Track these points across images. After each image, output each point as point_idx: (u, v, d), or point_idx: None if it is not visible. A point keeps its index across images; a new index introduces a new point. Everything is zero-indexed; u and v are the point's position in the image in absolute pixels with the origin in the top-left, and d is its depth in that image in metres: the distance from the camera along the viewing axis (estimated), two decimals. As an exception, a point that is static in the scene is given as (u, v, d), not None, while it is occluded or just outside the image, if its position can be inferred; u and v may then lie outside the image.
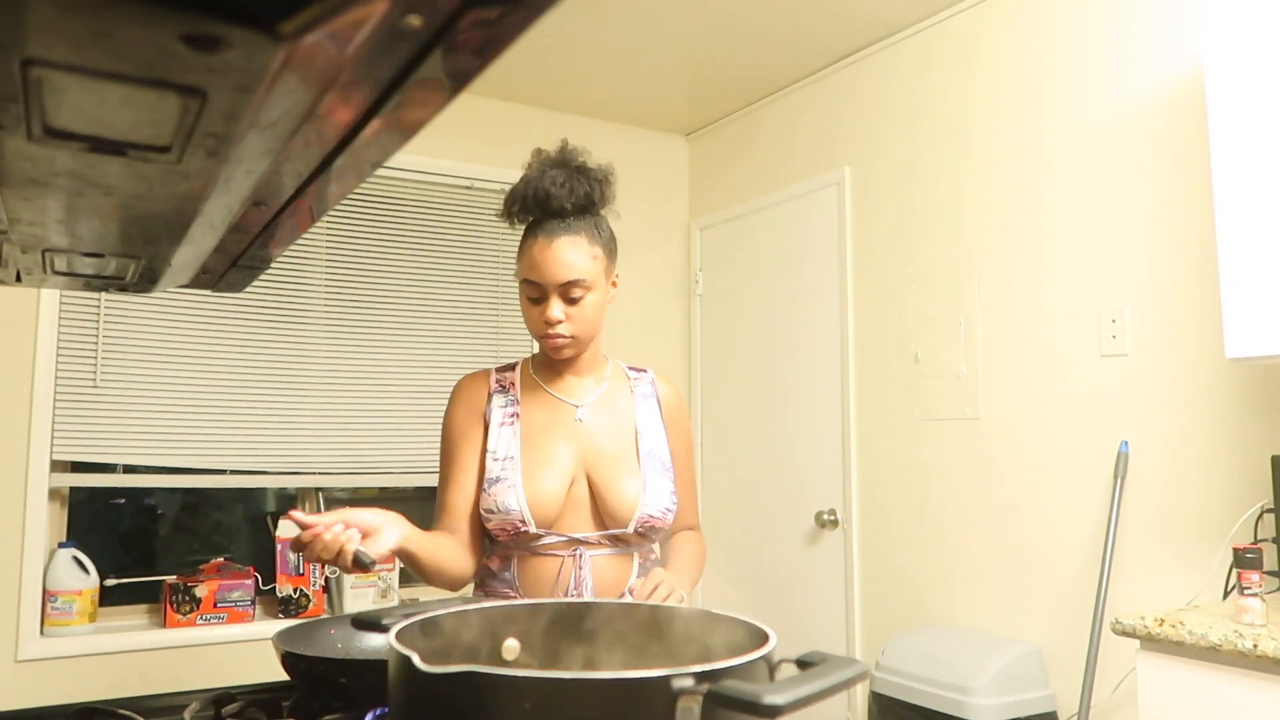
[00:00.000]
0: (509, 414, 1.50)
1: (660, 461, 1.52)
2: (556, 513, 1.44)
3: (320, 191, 0.50)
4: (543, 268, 1.42)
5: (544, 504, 1.42)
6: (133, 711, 1.04)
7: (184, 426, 2.94)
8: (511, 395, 1.52)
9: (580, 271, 1.42)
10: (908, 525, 2.88)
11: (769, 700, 0.60)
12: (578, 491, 1.47)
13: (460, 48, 0.32)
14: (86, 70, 0.31)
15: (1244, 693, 1.61)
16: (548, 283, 1.42)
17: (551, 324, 1.43)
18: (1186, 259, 2.22)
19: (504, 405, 1.51)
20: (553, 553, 1.44)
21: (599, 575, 1.44)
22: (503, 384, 1.54)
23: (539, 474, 1.44)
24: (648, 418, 1.56)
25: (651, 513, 1.46)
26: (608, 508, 1.45)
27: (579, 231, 1.44)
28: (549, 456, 1.46)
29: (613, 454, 1.49)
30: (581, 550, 1.44)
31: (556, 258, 1.41)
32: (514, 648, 0.91)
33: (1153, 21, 2.31)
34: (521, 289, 1.47)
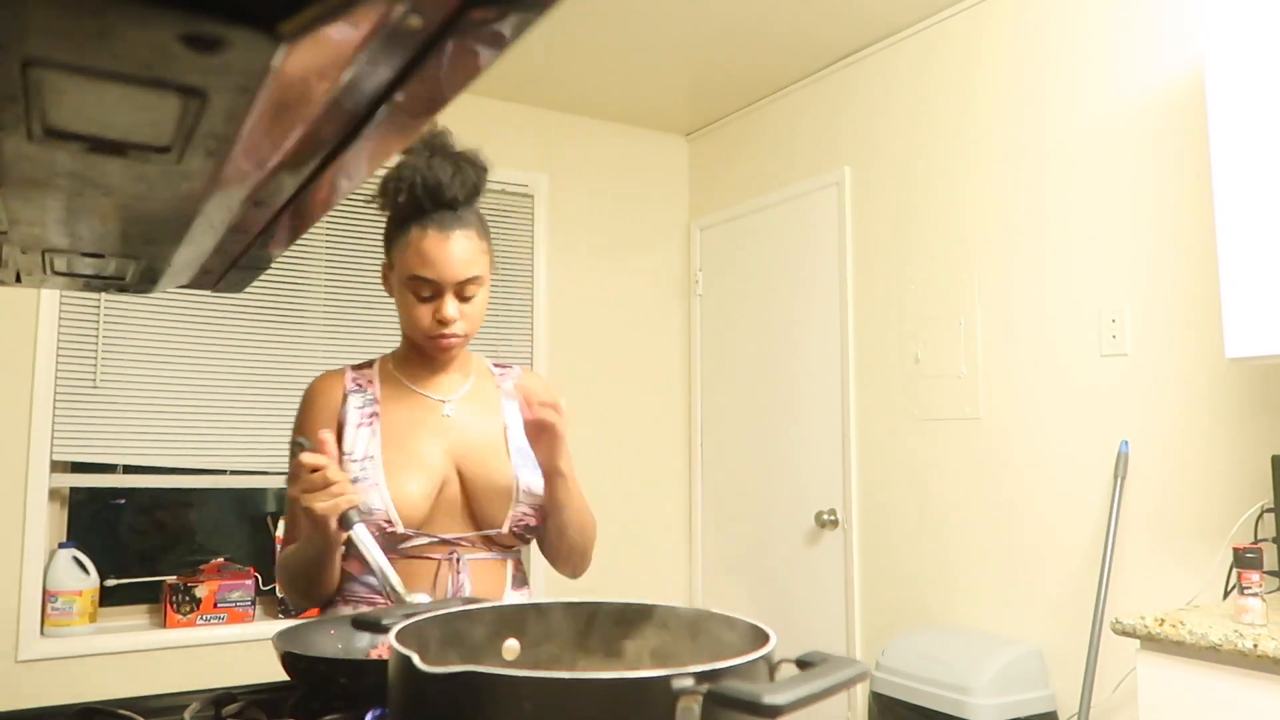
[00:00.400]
0: (366, 414, 1.41)
1: (531, 458, 1.43)
2: (425, 512, 1.36)
3: (320, 191, 0.50)
4: (439, 264, 1.33)
5: (411, 503, 1.34)
6: (133, 711, 1.04)
7: (184, 427, 2.94)
8: (369, 394, 1.43)
9: (476, 267, 1.36)
10: (908, 525, 2.88)
11: (769, 700, 0.60)
12: (449, 491, 1.39)
13: (460, 48, 0.32)
14: (86, 70, 0.31)
15: (1244, 693, 1.61)
16: (445, 280, 1.34)
17: (448, 323, 1.36)
18: (1186, 259, 2.22)
19: (361, 405, 1.41)
20: (425, 555, 1.36)
21: (476, 580, 1.37)
22: (359, 383, 1.44)
23: (404, 472, 1.36)
24: (515, 414, 1.48)
25: (526, 510, 1.41)
26: (480, 507, 1.39)
27: (470, 225, 1.36)
28: (415, 454, 1.38)
29: (483, 451, 1.42)
30: (458, 554, 1.37)
31: (454, 254, 1.33)
32: (514, 648, 0.91)
33: (1153, 21, 2.31)
34: (406, 285, 1.36)
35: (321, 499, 1.19)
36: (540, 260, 3.61)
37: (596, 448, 3.66)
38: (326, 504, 1.19)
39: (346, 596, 1.38)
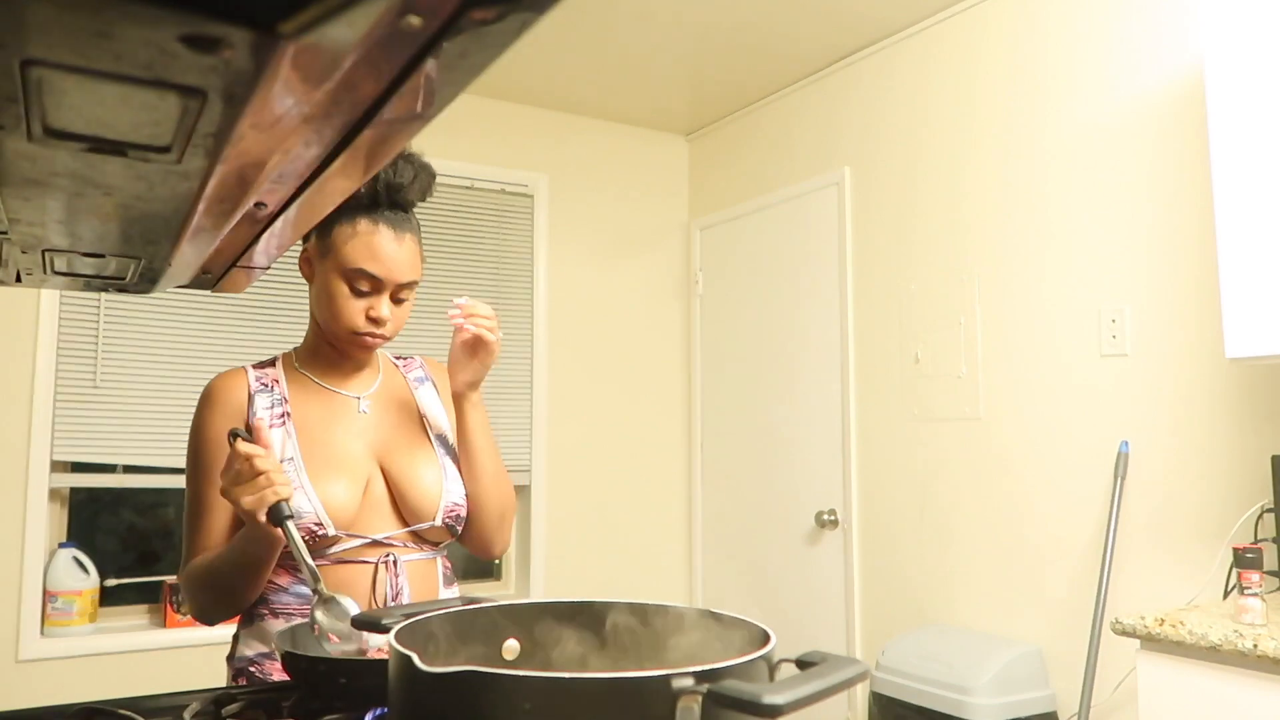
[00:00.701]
0: (276, 415, 1.34)
1: (450, 446, 1.42)
2: (353, 513, 1.31)
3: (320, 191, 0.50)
4: (389, 262, 1.30)
5: (339, 504, 1.29)
6: (133, 711, 1.04)
7: (184, 427, 2.93)
8: (276, 393, 1.36)
9: (418, 272, 1.34)
10: (908, 525, 2.88)
11: (769, 700, 0.60)
12: (375, 490, 1.34)
13: (460, 48, 0.32)
14: (86, 70, 0.31)
15: (1244, 693, 1.61)
16: (389, 279, 1.30)
17: (381, 323, 1.31)
18: (1186, 259, 2.22)
19: (269, 406, 1.34)
20: (359, 559, 1.31)
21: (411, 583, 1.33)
22: (264, 382, 1.37)
23: (327, 473, 1.30)
24: (429, 402, 1.46)
25: (456, 500, 1.37)
26: (409, 502, 1.34)
27: (416, 230, 1.36)
28: (336, 453, 1.33)
29: (405, 444, 1.38)
30: (394, 555, 1.33)
31: (405, 255, 1.31)
32: (514, 648, 0.91)
33: (1153, 21, 2.31)
34: (342, 277, 1.30)
35: (248, 491, 1.14)
36: (540, 260, 3.61)
37: (596, 448, 3.66)
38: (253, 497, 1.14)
39: (275, 609, 1.31)
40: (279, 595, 1.32)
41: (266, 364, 1.41)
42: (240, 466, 1.15)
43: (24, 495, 2.72)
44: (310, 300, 1.38)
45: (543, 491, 3.52)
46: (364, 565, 1.31)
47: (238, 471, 1.15)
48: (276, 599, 1.32)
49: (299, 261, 1.38)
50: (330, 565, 1.29)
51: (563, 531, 3.56)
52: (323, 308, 1.33)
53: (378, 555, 1.32)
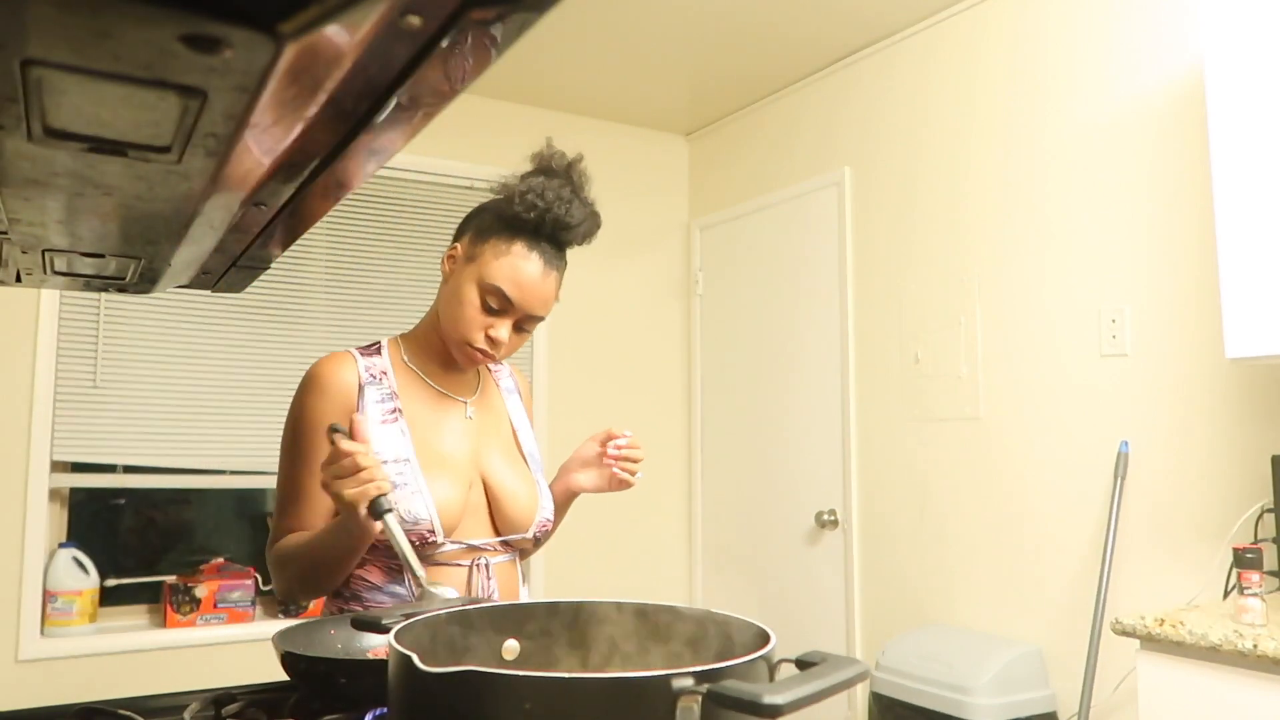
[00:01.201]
0: (388, 410, 1.33)
1: (539, 463, 1.45)
2: (458, 519, 1.32)
3: (320, 192, 0.50)
4: (529, 291, 1.30)
5: (450, 511, 1.30)
6: (133, 711, 1.04)
7: (184, 427, 2.94)
8: (386, 387, 1.34)
9: (549, 309, 1.34)
10: (908, 525, 2.88)
11: (769, 700, 0.60)
12: (474, 496, 1.35)
13: (460, 48, 0.32)
14: (86, 70, 0.31)
15: (1244, 693, 1.61)
16: (522, 306, 1.30)
17: (497, 345, 1.31)
18: (1186, 259, 2.22)
19: (380, 400, 1.33)
20: (453, 562, 1.32)
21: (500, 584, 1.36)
22: (373, 373, 1.35)
23: (441, 480, 1.30)
24: (518, 414, 1.47)
25: (548, 515, 1.40)
26: (505, 512, 1.36)
27: (563, 268, 1.35)
28: (445, 458, 1.33)
29: (502, 454, 1.39)
30: (486, 559, 1.34)
31: (546, 290, 1.32)
32: (514, 648, 0.91)
33: (1153, 21, 2.31)
34: (479, 288, 1.30)
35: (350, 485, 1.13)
36: (540, 260, 3.60)
37: (596, 448, 3.66)
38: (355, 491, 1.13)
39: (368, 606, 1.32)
40: (373, 593, 1.32)
41: (372, 351, 1.39)
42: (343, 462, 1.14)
43: (24, 495, 2.72)
44: (438, 297, 1.38)
45: (543, 491, 3.52)
46: (459, 568, 1.33)
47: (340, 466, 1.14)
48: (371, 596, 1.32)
49: (443, 257, 1.38)
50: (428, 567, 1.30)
51: (563, 531, 3.55)
52: (449, 310, 1.33)
53: (470, 559, 1.34)
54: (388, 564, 1.32)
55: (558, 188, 1.32)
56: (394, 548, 1.17)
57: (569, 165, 1.36)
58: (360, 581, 1.33)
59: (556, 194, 1.31)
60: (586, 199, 1.36)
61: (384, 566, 1.32)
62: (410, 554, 1.17)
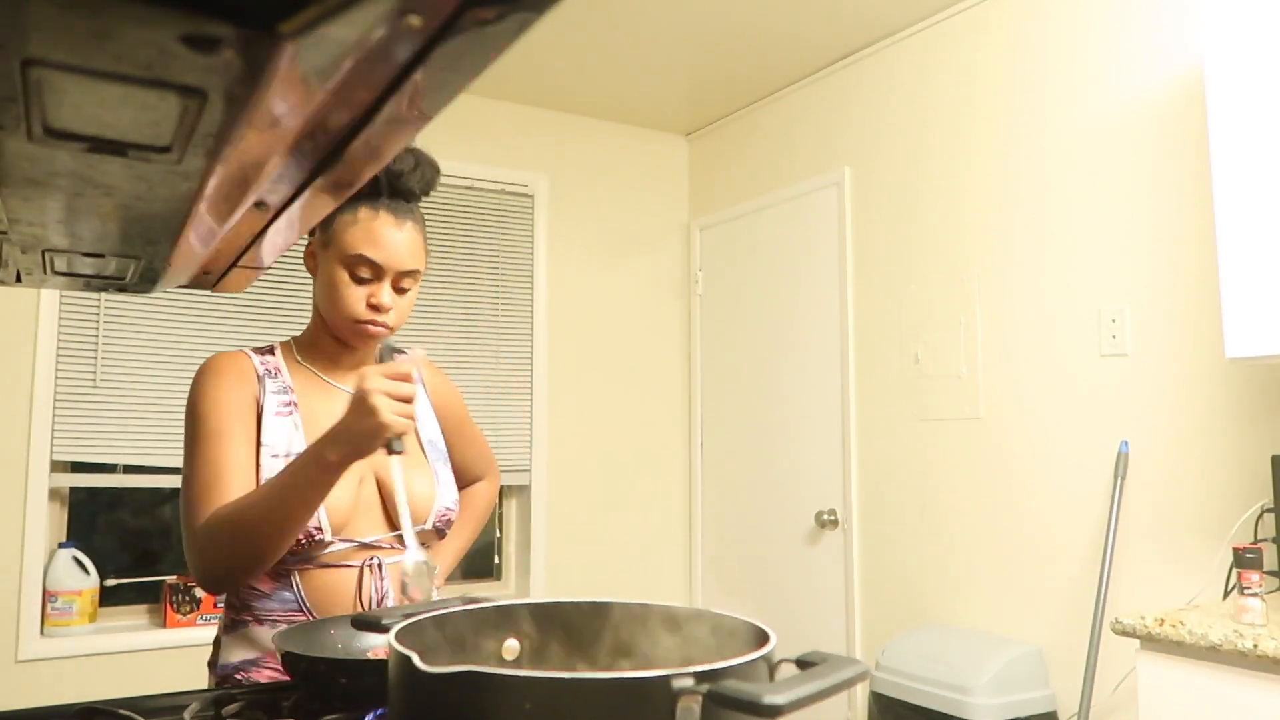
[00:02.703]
0: (284, 403, 1.32)
1: (440, 451, 1.41)
2: (347, 516, 1.29)
3: (320, 192, 0.50)
4: (388, 248, 1.28)
5: (337, 507, 1.26)
6: (133, 711, 1.04)
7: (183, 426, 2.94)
8: (281, 382, 1.34)
9: (419, 261, 1.32)
10: (908, 525, 2.88)
11: (769, 700, 0.60)
12: (366, 491, 1.32)
13: (460, 48, 0.32)
14: (86, 70, 0.31)
15: (1244, 693, 1.61)
16: (389, 266, 1.28)
17: (382, 310, 1.29)
18: (1186, 259, 2.22)
19: (277, 392, 1.32)
20: (343, 563, 1.29)
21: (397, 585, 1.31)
22: (268, 368, 1.34)
23: None
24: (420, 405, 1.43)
25: (448, 504, 1.37)
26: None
27: (419, 220, 1.34)
28: None
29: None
30: (379, 558, 1.30)
31: (405, 242, 1.29)
32: (514, 648, 0.91)
33: (1153, 21, 2.31)
34: (343, 264, 1.28)
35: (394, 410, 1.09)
36: (540, 260, 3.61)
37: (596, 448, 3.66)
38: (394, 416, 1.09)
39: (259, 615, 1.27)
40: (263, 602, 1.27)
41: (264, 350, 1.38)
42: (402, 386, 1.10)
43: (24, 495, 2.72)
44: (314, 294, 1.36)
45: (543, 491, 3.52)
46: (349, 569, 1.29)
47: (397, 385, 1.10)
48: (260, 605, 1.27)
49: (304, 255, 1.37)
50: (314, 570, 1.27)
51: (563, 531, 3.56)
52: (325, 298, 1.31)
53: (362, 559, 1.30)
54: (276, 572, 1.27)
55: None
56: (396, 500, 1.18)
57: None
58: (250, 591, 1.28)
59: None
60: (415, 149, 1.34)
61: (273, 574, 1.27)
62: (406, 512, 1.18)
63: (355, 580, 1.29)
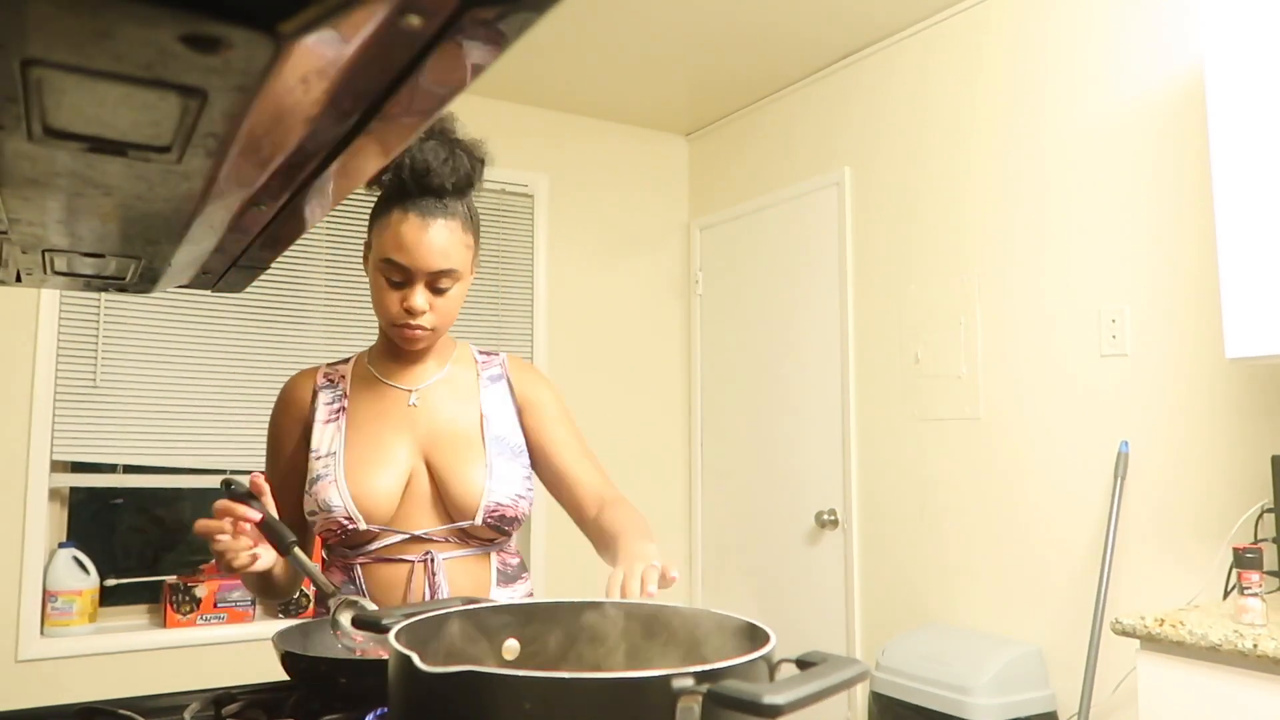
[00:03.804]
0: (334, 410, 1.37)
1: (510, 446, 1.38)
2: (390, 507, 1.31)
3: (320, 191, 0.50)
4: (414, 251, 1.26)
5: (372, 497, 1.29)
6: (133, 711, 1.04)
7: (184, 426, 2.94)
8: (339, 389, 1.39)
9: (454, 260, 1.29)
10: (908, 525, 2.88)
11: (769, 700, 0.60)
12: (418, 483, 1.33)
13: (460, 48, 0.32)
14: (86, 70, 0.31)
15: (1244, 693, 1.61)
16: (417, 268, 1.27)
17: (415, 314, 1.29)
18: (1186, 259, 2.22)
19: (329, 401, 1.38)
20: (399, 557, 1.31)
21: (455, 581, 1.31)
22: (331, 379, 1.41)
23: (366, 466, 1.31)
24: (495, 401, 1.41)
25: (500, 500, 1.33)
26: (451, 497, 1.32)
27: (455, 215, 1.29)
28: (379, 446, 1.33)
29: (453, 439, 1.35)
30: (433, 554, 1.31)
31: (432, 243, 1.26)
32: (514, 648, 0.91)
33: (1152, 21, 2.31)
34: (379, 269, 1.30)
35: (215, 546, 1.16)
36: (540, 260, 3.61)
37: (596, 447, 3.65)
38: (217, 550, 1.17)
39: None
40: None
41: (341, 362, 1.45)
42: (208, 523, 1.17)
43: (24, 495, 2.72)
44: None
45: (543, 491, 3.52)
46: (402, 564, 1.31)
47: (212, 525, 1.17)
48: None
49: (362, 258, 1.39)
50: (370, 563, 1.31)
51: (563, 531, 3.56)
52: (373, 303, 1.35)
53: (418, 554, 1.32)
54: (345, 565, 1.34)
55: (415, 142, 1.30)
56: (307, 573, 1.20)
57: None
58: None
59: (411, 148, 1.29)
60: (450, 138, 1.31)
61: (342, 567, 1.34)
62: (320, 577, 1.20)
63: (407, 575, 1.31)
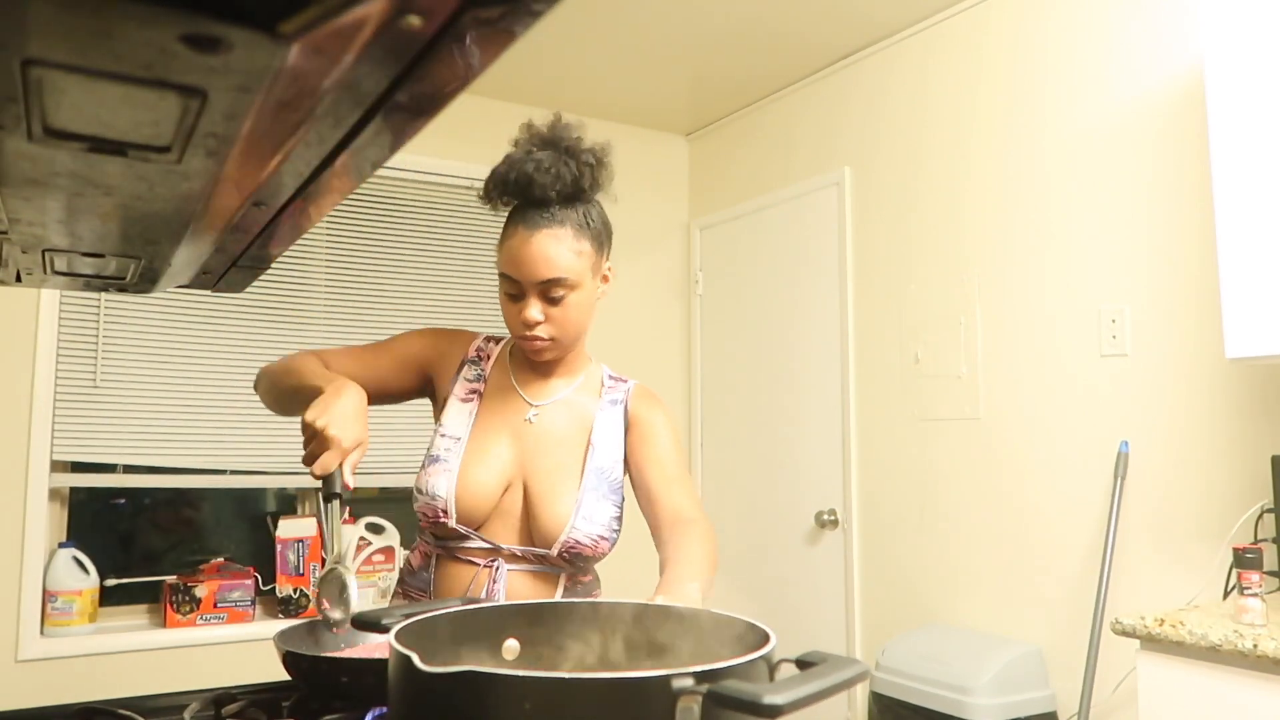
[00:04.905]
0: (471, 390, 1.38)
1: (609, 481, 1.36)
2: (484, 515, 1.32)
3: (320, 191, 0.50)
4: (521, 263, 1.28)
5: (473, 500, 1.31)
6: (133, 711, 1.04)
7: (184, 426, 2.94)
8: (482, 370, 1.40)
9: (562, 269, 1.28)
10: (908, 525, 2.88)
11: (769, 700, 0.60)
12: (511, 499, 1.34)
13: (460, 48, 0.32)
14: (86, 70, 0.31)
15: (1244, 693, 1.61)
16: (525, 280, 1.28)
17: (530, 325, 1.30)
18: (1186, 259, 2.22)
19: (472, 379, 1.39)
20: (470, 559, 1.33)
21: (516, 592, 1.32)
22: (480, 355, 1.42)
23: (476, 467, 1.32)
24: (607, 431, 1.38)
25: (579, 539, 1.31)
26: (536, 523, 1.32)
27: (564, 223, 1.28)
28: (490, 452, 1.34)
29: (554, 466, 1.35)
30: (499, 562, 1.32)
31: (536, 253, 1.27)
32: (514, 648, 0.91)
33: (1152, 21, 2.31)
34: (500, 283, 1.33)
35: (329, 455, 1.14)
36: (540, 260, 3.60)
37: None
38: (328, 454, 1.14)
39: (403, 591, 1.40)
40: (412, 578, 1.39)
41: (494, 340, 1.46)
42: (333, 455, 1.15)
43: (24, 495, 2.72)
44: None
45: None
46: (472, 566, 1.33)
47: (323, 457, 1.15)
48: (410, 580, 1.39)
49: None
50: (449, 560, 1.35)
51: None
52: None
53: (487, 559, 1.33)
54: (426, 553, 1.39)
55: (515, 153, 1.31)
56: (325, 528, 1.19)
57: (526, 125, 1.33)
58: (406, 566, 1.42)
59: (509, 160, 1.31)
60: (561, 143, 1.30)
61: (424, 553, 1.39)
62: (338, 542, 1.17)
63: (470, 577, 1.33)
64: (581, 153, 1.30)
